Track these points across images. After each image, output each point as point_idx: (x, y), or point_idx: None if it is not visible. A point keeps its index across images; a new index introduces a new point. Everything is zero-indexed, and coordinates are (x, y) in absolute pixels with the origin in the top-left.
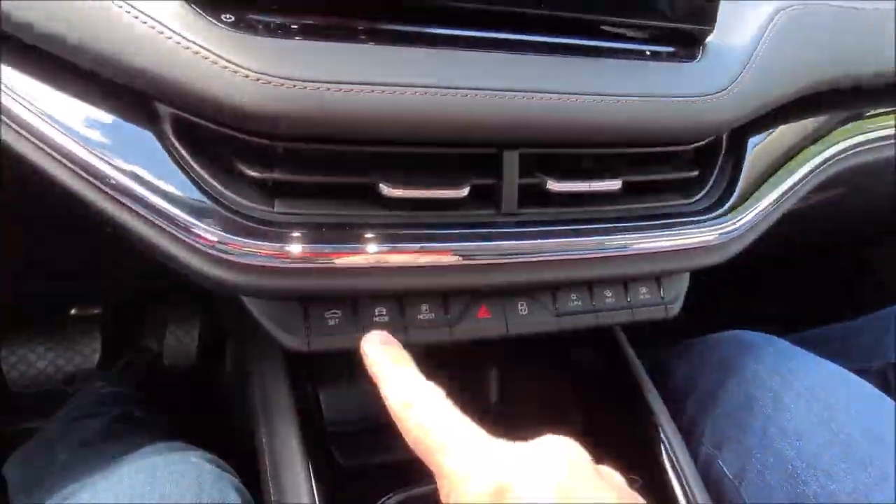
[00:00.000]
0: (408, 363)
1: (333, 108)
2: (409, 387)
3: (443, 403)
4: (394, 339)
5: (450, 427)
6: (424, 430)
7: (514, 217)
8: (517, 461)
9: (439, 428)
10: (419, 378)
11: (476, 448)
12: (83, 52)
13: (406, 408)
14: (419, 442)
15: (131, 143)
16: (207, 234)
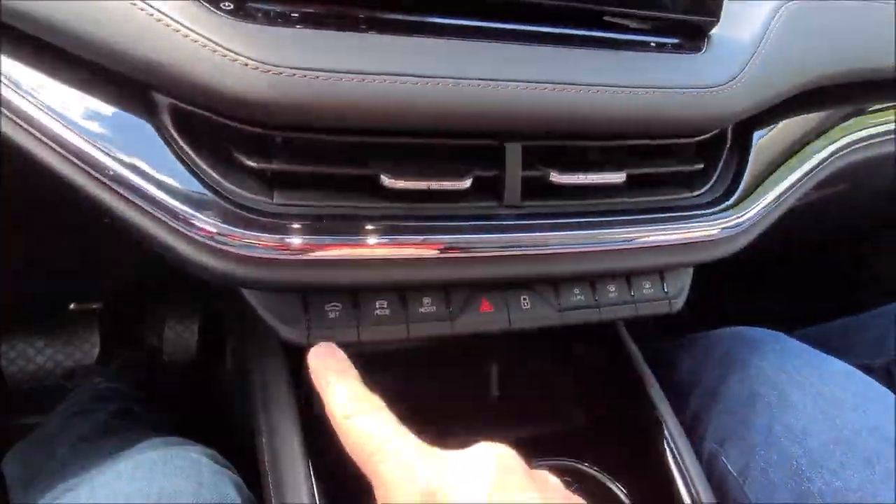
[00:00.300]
0: (350, 375)
1: (331, 97)
2: (349, 397)
3: (380, 414)
4: (339, 351)
5: (384, 436)
6: (362, 438)
7: (516, 209)
8: (447, 466)
9: (375, 436)
10: (360, 389)
11: (408, 455)
12: (80, 40)
13: (345, 418)
14: (356, 450)
15: (129, 133)
16: (206, 226)
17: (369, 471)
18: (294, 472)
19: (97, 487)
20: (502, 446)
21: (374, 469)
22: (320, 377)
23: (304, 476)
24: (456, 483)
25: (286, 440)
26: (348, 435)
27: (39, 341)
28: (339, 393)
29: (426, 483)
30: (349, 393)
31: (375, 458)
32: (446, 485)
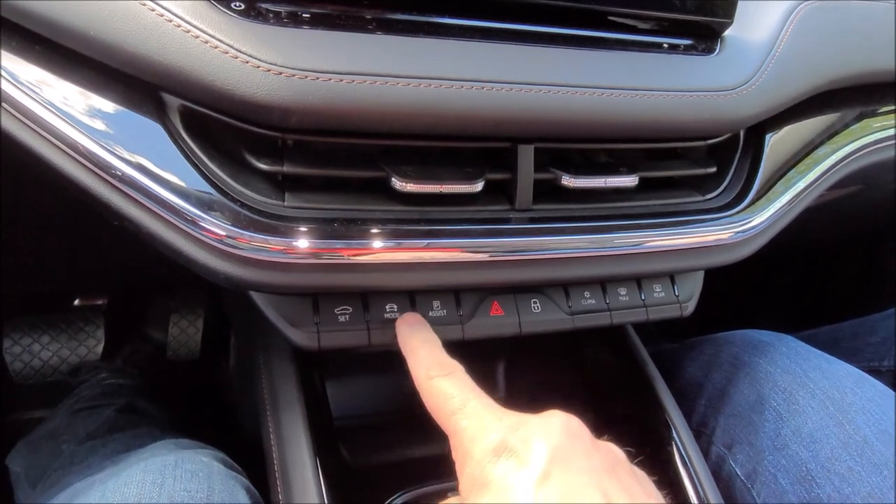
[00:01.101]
0: (433, 342)
1: (346, 100)
2: (432, 361)
3: (459, 376)
4: (424, 321)
5: (464, 396)
6: (444, 395)
7: (528, 213)
8: (520, 425)
9: (455, 396)
10: (442, 355)
11: (485, 413)
12: (88, 41)
13: (428, 379)
14: (438, 408)
15: (138, 134)
16: (215, 228)
17: (449, 427)
18: (303, 474)
19: (108, 492)
20: (571, 415)
21: (455, 425)
22: (407, 342)
23: (312, 477)
24: (527, 440)
25: (295, 443)
26: (431, 394)
27: (44, 337)
28: (424, 357)
29: (501, 438)
30: (432, 358)
31: (456, 416)
32: (518, 441)
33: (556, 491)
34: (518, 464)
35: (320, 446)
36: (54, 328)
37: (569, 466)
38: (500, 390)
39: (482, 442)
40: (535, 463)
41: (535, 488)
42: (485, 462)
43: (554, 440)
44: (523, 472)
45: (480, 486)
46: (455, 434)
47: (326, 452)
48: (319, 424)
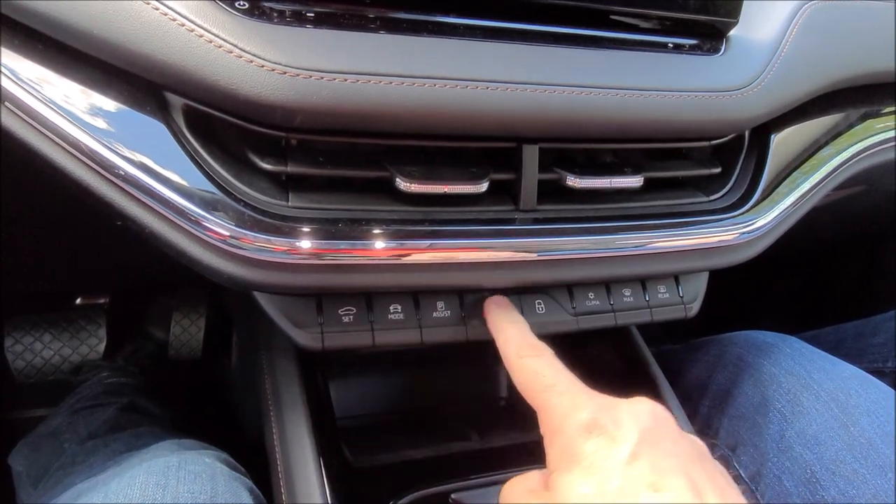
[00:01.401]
0: (522, 323)
1: (350, 100)
2: (522, 341)
3: (549, 356)
4: (511, 304)
5: (554, 374)
6: (535, 373)
7: (532, 213)
8: (611, 406)
9: (546, 374)
10: (531, 335)
11: (576, 391)
12: (91, 40)
13: (518, 357)
14: (529, 384)
15: (141, 133)
16: (219, 228)
17: (540, 402)
18: (306, 475)
19: (111, 493)
20: (658, 403)
21: (545, 401)
22: (496, 323)
23: (316, 478)
24: (618, 420)
25: (298, 443)
26: (521, 372)
27: (46, 335)
28: (514, 337)
29: (593, 416)
30: (522, 338)
31: (547, 393)
32: (610, 420)
33: (644, 470)
34: (609, 441)
35: (323, 447)
36: (56, 327)
37: (657, 449)
38: (502, 389)
39: (574, 418)
40: (625, 442)
41: (625, 466)
42: (576, 437)
43: (643, 422)
44: (614, 450)
45: (570, 459)
46: (545, 409)
47: (329, 453)
48: (322, 425)
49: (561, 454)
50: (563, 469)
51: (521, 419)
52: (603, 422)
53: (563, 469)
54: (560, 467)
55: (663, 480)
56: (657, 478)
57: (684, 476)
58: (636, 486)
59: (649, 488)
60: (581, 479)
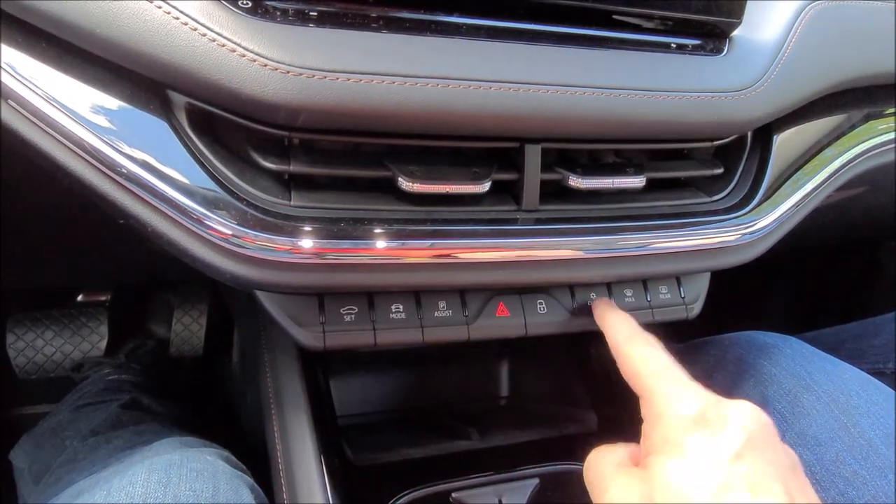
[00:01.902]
0: (630, 317)
1: (353, 100)
2: (629, 330)
3: (655, 345)
4: None
5: (662, 361)
6: (643, 359)
7: (534, 213)
8: (719, 403)
9: (653, 361)
10: (637, 326)
11: (684, 381)
12: (94, 39)
13: (627, 343)
14: (635, 369)
15: (144, 132)
16: (221, 227)
17: (645, 387)
18: (308, 474)
19: (113, 491)
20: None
21: (653, 386)
22: (604, 315)
23: (317, 478)
24: (726, 418)
25: (300, 442)
26: (629, 356)
27: (48, 332)
28: (623, 326)
29: (702, 409)
30: (631, 328)
31: (654, 378)
32: (717, 417)
33: (746, 473)
34: (714, 437)
35: (324, 445)
36: (58, 324)
37: (759, 455)
38: (503, 389)
39: (680, 407)
40: (731, 442)
41: (727, 464)
42: (681, 426)
43: (750, 426)
44: (719, 447)
45: (672, 447)
46: (651, 393)
47: (330, 451)
48: (323, 423)
49: (663, 440)
50: (663, 453)
51: (520, 418)
52: (711, 416)
53: (664, 454)
54: (661, 451)
55: (762, 484)
56: (757, 481)
57: (781, 485)
58: (736, 485)
59: (748, 489)
60: (681, 468)
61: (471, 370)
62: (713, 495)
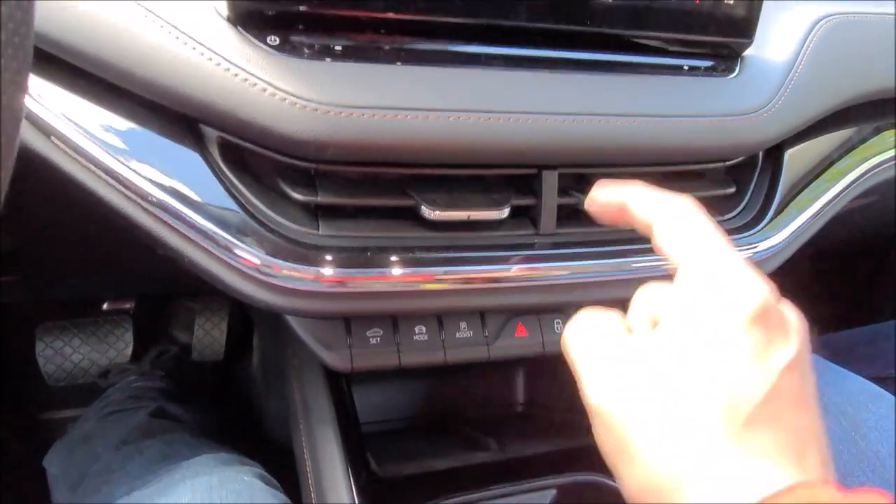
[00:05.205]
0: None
1: (378, 134)
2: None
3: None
4: None
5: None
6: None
7: (551, 237)
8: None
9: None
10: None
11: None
12: (133, 78)
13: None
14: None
15: (178, 165)
16: (250, 257)
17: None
18: (337, 487)
19: None
20: None
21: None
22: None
23: (346, 491)
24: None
25: (328, 456)
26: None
27: (75, 340)
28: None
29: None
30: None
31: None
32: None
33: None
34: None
35: (351, 457)
36: (84, 332)
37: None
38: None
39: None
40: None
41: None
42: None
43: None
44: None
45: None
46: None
47: (357, 463)
48: (349, 435)
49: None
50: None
51: (539, 428)
52: (773, 315)
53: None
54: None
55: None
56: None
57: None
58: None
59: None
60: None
61: (490, 379)
62: (756, 406)
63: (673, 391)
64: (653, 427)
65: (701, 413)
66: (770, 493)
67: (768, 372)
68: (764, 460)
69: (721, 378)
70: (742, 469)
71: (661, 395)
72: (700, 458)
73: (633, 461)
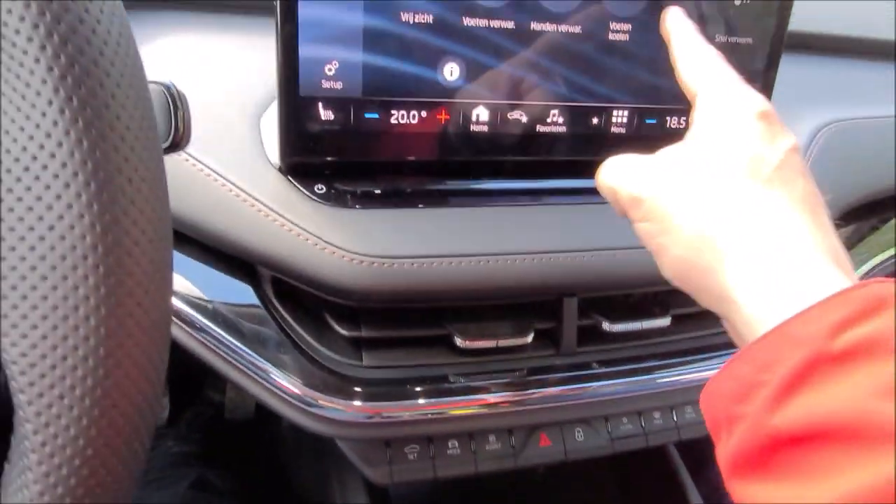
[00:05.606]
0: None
1: (418, 281)
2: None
3: None
4: None
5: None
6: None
7: (571, 358)
8: None
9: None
10: None
11: None
12: (200, 231)
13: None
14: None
15: (234, 300)
16: (293, 387)
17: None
18: None
19: None
20: None
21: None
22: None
23: None
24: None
25: None
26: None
27: None
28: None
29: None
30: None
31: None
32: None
33: (797, 165)
34: (780, 130)
35: None
36: None
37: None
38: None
39: (755, 103)
40: (791, 137)
41: (788, 151)
42: (753, 115)
43: None
44: (782, 137)
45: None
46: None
47: None
48: None
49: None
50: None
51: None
52: (776, 118)
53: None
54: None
55: (810, 177)
56: (807, 172)
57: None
58: (793, 168)
59: (801, 176)
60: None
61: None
62: (774, 170)
63: (706, 166)
64: (695, 195)
65: (731, 171)
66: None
67: (777, 149)
68: (784, 208)
69: (743, 150)
70: (770, 213)
71: (696, 170)
72: (736, 206)
73: (679, 231)
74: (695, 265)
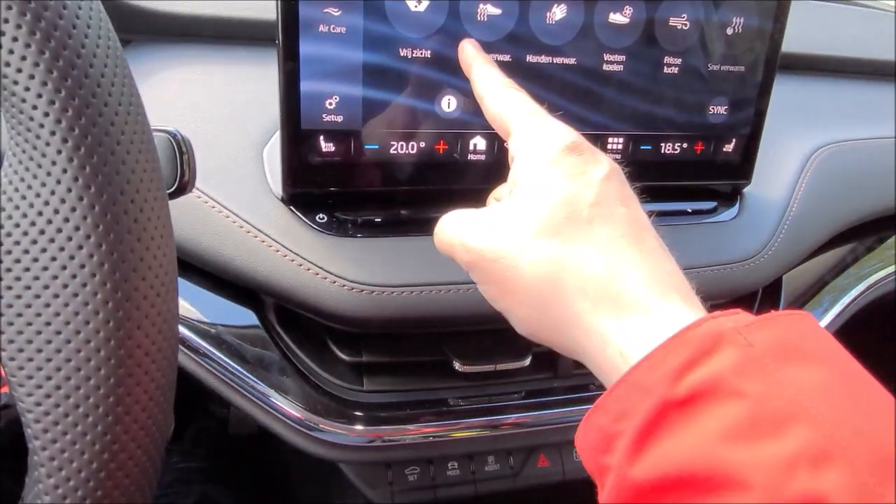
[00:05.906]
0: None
1: (416, 309)
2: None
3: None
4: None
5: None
6: (520, 101)
7: (569, 380)
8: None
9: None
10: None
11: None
12: (206, 261)
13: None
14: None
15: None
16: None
17: (522, 125)
18: None
19: None
20: None
21: (531, 123)
22: (471, 61)
23: None
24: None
25: None
26: (504, 99)
27: None
28: (493, 74)
29: (578, 140)
30: (501, 77)
31: (533, 117)
32: (588, 148)
33: (616, 189)
34: (591, 160)
35: None
36: None
37: (622, 179)
38: None
39: (558, 138)
40: (603, 164)
41: (601, 181)
42: (559, 151)
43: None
44: (593, 167)
45: (548, 166)
46: (526, 129)
47: None
48: None
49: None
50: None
51: None
52: (585, 147)
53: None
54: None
55: (631, 200)
56: (625, 195)
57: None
58: (610, 198)
59: (621, 204)
60: (562, 180)
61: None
62: (590, 206)
63: (527, 222)
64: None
65: (549, 223)
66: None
67: (590, 182)
68: (609, 248)
69: (556, 195)
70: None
71: (519, 228)
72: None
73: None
74: (541, 323)
